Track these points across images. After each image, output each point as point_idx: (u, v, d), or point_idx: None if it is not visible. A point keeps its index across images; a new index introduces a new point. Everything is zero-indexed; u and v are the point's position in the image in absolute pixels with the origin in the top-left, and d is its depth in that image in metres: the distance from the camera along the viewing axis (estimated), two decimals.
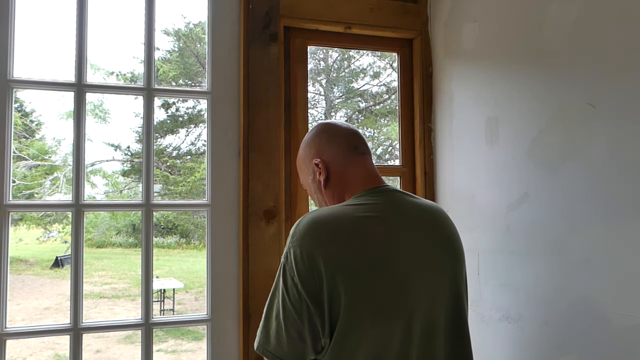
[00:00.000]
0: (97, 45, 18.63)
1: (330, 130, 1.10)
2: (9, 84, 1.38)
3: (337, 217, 0.92)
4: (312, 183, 1.11)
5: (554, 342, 1.17)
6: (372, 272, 0.88)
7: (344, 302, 0.85)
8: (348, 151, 1.07)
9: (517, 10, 1.32)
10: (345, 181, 1.05)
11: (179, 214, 14.71)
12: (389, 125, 13.27)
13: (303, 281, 0.87)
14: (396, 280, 0.89)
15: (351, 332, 0.86)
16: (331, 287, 0.86)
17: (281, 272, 0.92)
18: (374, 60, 13.69)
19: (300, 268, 0.88)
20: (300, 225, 0.93)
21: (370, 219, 0.93)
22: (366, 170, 1.06)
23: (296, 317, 0.87)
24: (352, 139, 1.09)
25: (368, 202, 0.97)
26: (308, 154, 1.11)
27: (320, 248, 0.87)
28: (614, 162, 1.02)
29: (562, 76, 1.16)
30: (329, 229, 0.90)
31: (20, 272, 13.19)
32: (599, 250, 1.05)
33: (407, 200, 1.02)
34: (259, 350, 0.93)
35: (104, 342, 7.61)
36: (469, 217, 1.51)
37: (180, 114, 14.43)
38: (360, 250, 0.89)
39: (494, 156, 1.41)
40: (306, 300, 0.87)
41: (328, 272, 0.86)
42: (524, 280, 1.27)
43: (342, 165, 1.06)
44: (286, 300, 0.89)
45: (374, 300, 0.87)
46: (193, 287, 11.61)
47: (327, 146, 1.08)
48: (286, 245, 0.93)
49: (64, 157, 14.43)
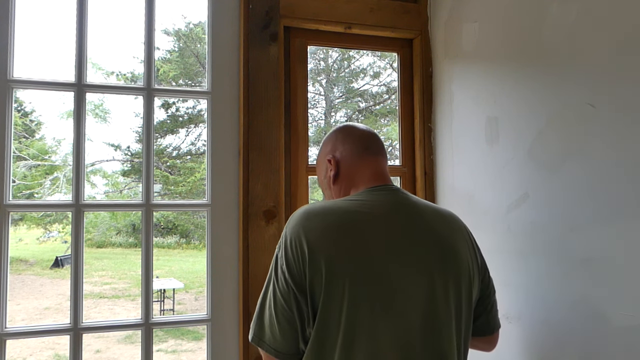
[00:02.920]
0: (97, 45, 18.65)
1: (346, 130, 1.14)
2: (9, 84, 1.38)
3: (328, 209, 0.95)
4: (324, 179, 1.14)
5: (554, 341, 1.17)
6: (349, 263, 0.88)
7: (323, 291, 0.86)
8: (360, 150, 1.09)
9: (517, 10, 1.32)
10: (352, 178, 1.08)
11: (179, 214, 14.70)
12: (389, 125, 13.27)
13: (290, 269, 0.89)
14: (373, 274, 0.89)
15: (329, 320, 0.87)
16: (312, 274, 0.87)
17: (273, 262, 0.95)
18: (374, 60, 13.70)
19: (289, 256, 0.90)
20: (293, 216, 0.97)
21: (360, 214, 0.94)
22: (374, 169, 1.07)
23: (285, 306, 0.89)
24: (366, 139, 1.11)
25: (364, 198, 0.99)
26: (324, 151, 1.15)
27: (306, 236, 0.90)
28: (614, 162, 1.02)
29: (562, 76, 1.16)
30: (318, 219, 0.92)
31: (20, 272, 13.19)
32: (599, 250, 1.05)
33: (406, 199, 1.02)
34: (254, 342, 0.94)
35: (104, 342, 7.61)
36: (469, 217, 1.51)
37: (180, 114, 14.43)
38: (343, 242, 0.90)
39: (494, 156, 1.41)
40: (292, 287, 0.88)
41: (312, 261, 0.87)
42: (524, 280, 1.27)
43: (352, 163, 1.08)
44: (276, 289, 0.91)
45: (348, 290, 0.87)
46: (193, 287, 11.61)
47: (341, 144, 1.11)
48: (281, 236, 0.96)
49: (64, 157, 14.44)
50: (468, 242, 1.04)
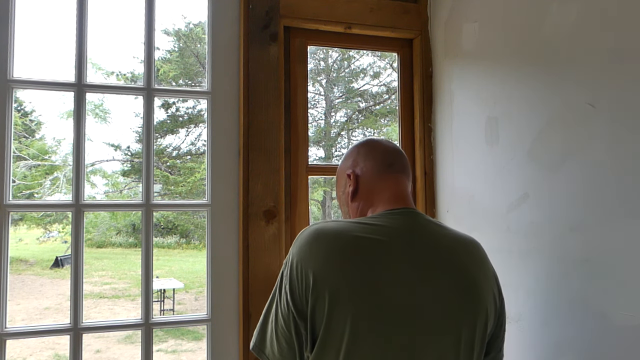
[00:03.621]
0: (97, 45, 18.65)
1: (369, 144, 1.09)
2: (9, 84, 1.38)
3: (339, 233, 0.89)
4: (342, 195, 1.10)
5: (554, 342, 1.17)
6: (354, 296, 0.83)
7: (324, 324, 0.84)
8: (382, 168, 1.04)
9: (517, 10, 1.32)
10: (371, 197, 1.03)
11: (179, 214, 14.70)
12: (389, 125, 13.27)
13: (293, 292, 0.87)
14: (379, 309, 0.84)
15: (327, 351, 0.84)
16: (315, 302, 0.84)
17: (279, 278, 0.93)
18: (374, 60, 13.70)
19: (293, 279, 0.88)
20: (303, 234, 0.92)
21: (372, 241, 0.88)
22: (395, 189, 1.02)
23: (285, 327, 0.88)
24: (389, 156, 1.05)
25: (380, 223, 0.93)
26: (344, 165, 1.10)
27: (313, 261, 0.86)
28: (614, 162, 1.02)
29: (562, 76, 1.16)
30: (327, 244, 0.88)
31: (20, 272, 13.19)
32: (599, 250, 1.05)
33: (426, 225, 0.96)
34: (254, 351, 0.94)
35: (104, 342, 7.61)
36: (468, 217, 1.51)
37: (180, 114, 14.43)
38: (350, 273, 0.85)
39: (494, 156, 1.41)
40: (293, 311, 0.86)
41: (315, 287, 0.84)
42: (524, 280, 1.27)
43: (372, 181, 1.03)
44: (279, 308, 0.90)
45: (349, 325, 0.83)
46: (193, 287, 11.61)
47: (362, 159, 1.06)
48: (289, 251, 0.93)
49: (64, 157, 14.44)
50: (489, 275, 0.97)
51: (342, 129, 13.91)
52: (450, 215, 1.61)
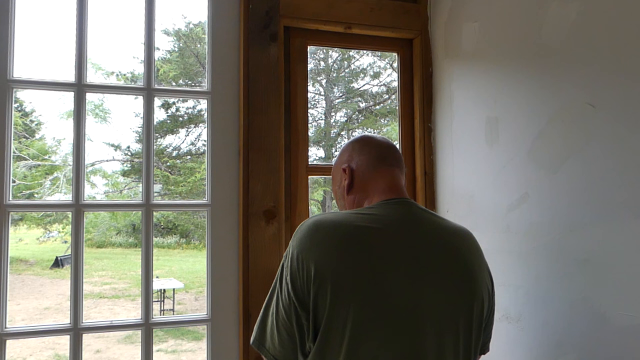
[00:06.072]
0: (97, 45, 18.66)
1: (364, 140, 1.12)
2: (9, 84, 1.38)
3: (338, 223, 0.91)
4: (339, 189, 1.12)
5: (554, 341, 1.17)
6: (356, 285, 0.85)
7: (327, 313, 0.84)
8: (376, 161, 1.07)
9: (517, 10, 1.32)
10: (366, 189, 1.06)
11: (179, 214, 14.71)
12: (389, 125, 13.27)
13: (294, 283, 0.88)
14: (381, 296, 0.86)
15: (330, 340, 0.85)
16: (317, 292, 0.85)
17: (279, 271, 0.94)
18: (374, 60, 13.70)
19: (294, 269, 0.89)
20: (303, 226, 0.94)
21: (372, 230, 0.91)
22: (389, 181, 1.05)
23: (286, 318, 0.89)
24: (383, 150, 1.09)
25: (377, 212, 0.96)
26: (339, 160, 1.14)
27: (313, 252, 0.88)
28: (614, 162, 1.02)
29: (562, 76, 1.16)
30: (326, 234, 0.90)
31: (20, 272, 13.19)
32: (599, 250, 1.05)
33: (421, 214, 0.99)
34: (254, 345, 0.94)
35: (104, 342, 7.61)
36: (468, 217, 1.51)
37: (180, 114, 14.44)
38: (350, 262, 0.87)
39: (494, 156, 1.41)
40: (294, 301, 0.87)
41: (317, 277, 0.85)
42: (524, 280, 1.27)
43: (367, 174, 1.06)
44: (279, 300, 0.91)
45: (352, 313, 0.84)
46: (193, 287, 11.61)
47: (357, 154, 1.09)
48: (289, 244, 0.95)
49: (64, 157, 14.44)
50: (484, 262, 1.00)
51: (342, 129, 13.92)
52: (450, 215, 1.61)
